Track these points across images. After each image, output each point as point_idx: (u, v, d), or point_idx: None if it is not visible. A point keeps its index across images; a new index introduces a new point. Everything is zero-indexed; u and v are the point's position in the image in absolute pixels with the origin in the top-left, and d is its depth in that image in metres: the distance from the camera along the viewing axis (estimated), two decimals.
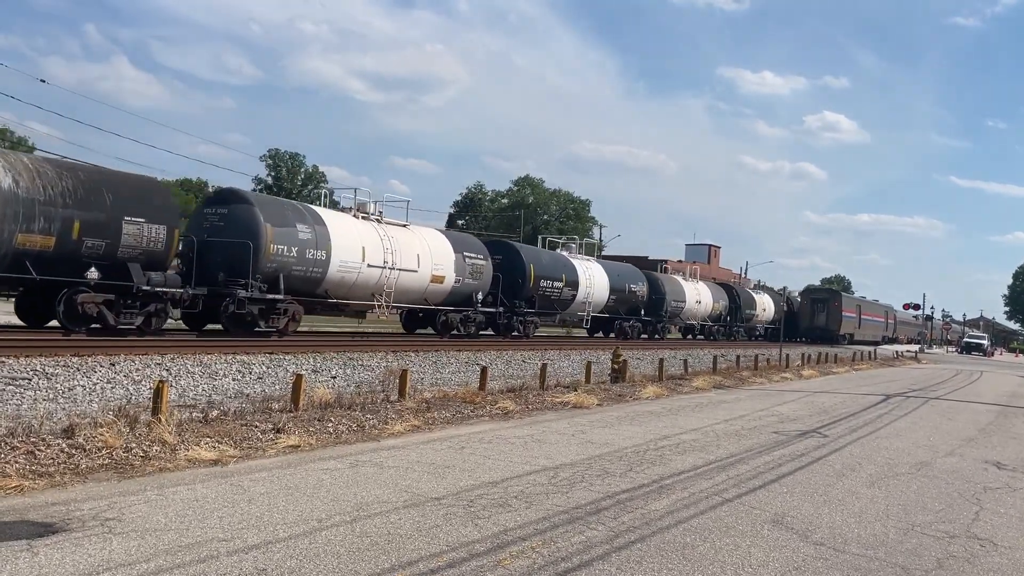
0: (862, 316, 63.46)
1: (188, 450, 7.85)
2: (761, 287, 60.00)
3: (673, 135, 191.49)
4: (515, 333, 28.34)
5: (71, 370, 11.98)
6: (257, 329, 18.89)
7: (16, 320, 17.49)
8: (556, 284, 29.97)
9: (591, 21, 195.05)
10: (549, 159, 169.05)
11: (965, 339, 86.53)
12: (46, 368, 11.80)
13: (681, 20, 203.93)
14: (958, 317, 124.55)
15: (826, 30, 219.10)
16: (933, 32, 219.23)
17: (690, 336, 44.91)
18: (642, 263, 48.28)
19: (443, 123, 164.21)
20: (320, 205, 22.71)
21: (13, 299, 17.82)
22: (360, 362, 16.84)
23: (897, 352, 55.92)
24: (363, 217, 22.54)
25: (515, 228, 75.02)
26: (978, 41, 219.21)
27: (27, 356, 12.25)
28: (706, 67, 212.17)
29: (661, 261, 53.49)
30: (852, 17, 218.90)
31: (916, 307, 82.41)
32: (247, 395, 12.49)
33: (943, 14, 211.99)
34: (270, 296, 18.88)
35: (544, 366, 16.72)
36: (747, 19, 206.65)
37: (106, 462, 7.30)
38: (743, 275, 75.58)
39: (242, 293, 18.05)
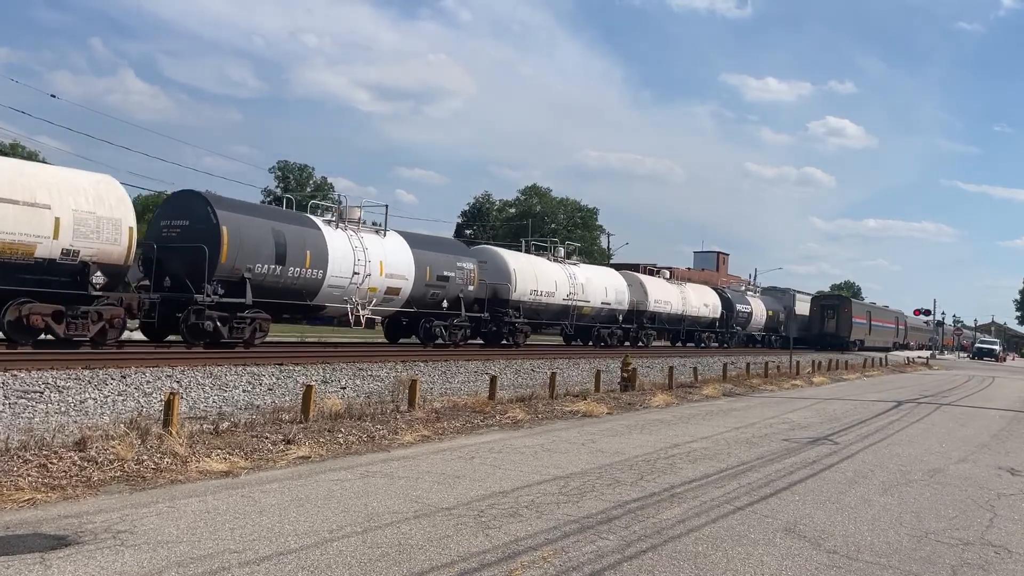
0: (872, 322, 63.17)
1: (199, 462, 7.87)
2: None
3: (679, 142, 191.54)
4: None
5: (82, 383, 12.04)
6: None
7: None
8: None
9: (595, 30, 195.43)
10: (555, 168, 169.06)
11: (976, 344, 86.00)
12: (58, 381, 11.86)
13: (684, 27, 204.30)
14: (969, 322, 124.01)
15: (830, 35, 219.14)
16: (937, 37, 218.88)
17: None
18: (648, 271, 47.97)
19: (449, 133, 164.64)
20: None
21: None
22: (369, 372, 16.87)
23: (908, 358, 55.63)
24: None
25: (523, 237, 75.01)
26: (983, 45, 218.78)
27: (39, 369, 12.32)
28: (710, 74, 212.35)
29: (668, 269, 53.14)
30: (855, 22, 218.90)
31: (927, 313, 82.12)
32: (257, 406, 12.52)
33: (947, 19, 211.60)
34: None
35: (554, 375, 16.70)
36: (750, 25, 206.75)
37: (118, 474, 7.33)
38: (752, 281, 75.30)
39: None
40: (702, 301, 42.45)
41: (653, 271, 42.66)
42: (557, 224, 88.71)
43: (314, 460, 8.62)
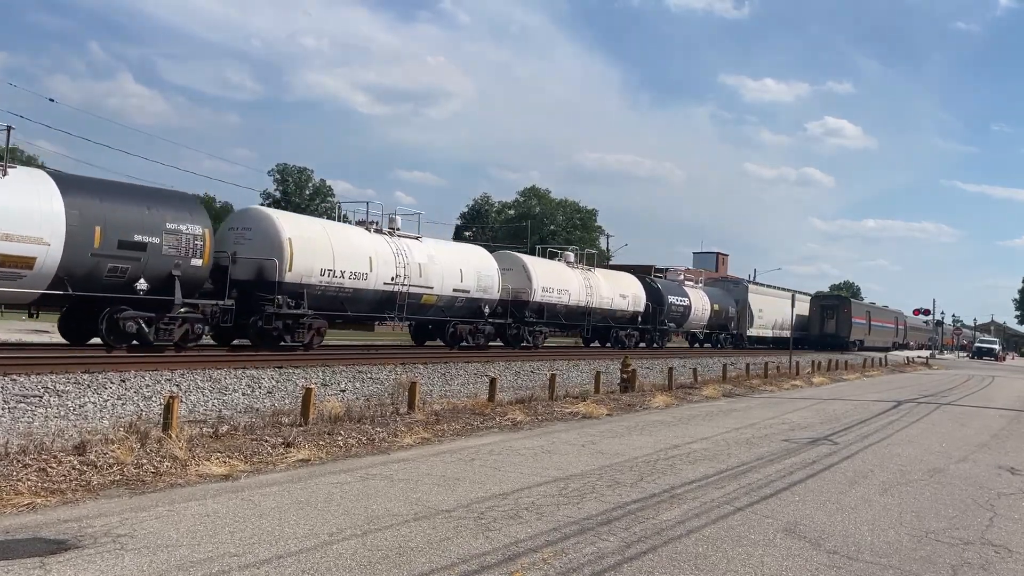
0: (872, 322, 63.22)
1: (199, 465, 7.87)
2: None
3: (678, 144, 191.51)
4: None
5: (82, 387, 12.04)
6: None
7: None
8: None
9: (593, 32, 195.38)
10: (554, 169, 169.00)
11: (976, 344, 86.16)
12: (57, 385, 11.86)
13: (682, 28, 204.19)
14: (969, 322, 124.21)
15: (828, 36, 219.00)
16: (935, 37, 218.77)
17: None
18: (648, 272, 47.82)
19: (448, 135, 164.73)
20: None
21: (25, 317, 16.40)
22: (369, 375, 16.88)
23: (908, 358, 55.68)
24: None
25: (522, 239, 75.07)
26: (980, 45, 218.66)
27: (38, 373, 12.32)
28: (708, 75, 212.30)
29: (665, 269, 52.78)
30: (853, 23, 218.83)
31: (926, 312, 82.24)
32: (257, 409, 12.51)
33: (944, 19, 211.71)
34: None
35: (553, 376, 16.70)
36: (747, 26, 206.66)
37: (117, 478, 7.32)
38: (752, 280, 75.28)
39: None
40: (617, 291, 34.58)
41: (556, 260, 33.19)
42: (556, 225, 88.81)
43: (314, 463, 8.62)
